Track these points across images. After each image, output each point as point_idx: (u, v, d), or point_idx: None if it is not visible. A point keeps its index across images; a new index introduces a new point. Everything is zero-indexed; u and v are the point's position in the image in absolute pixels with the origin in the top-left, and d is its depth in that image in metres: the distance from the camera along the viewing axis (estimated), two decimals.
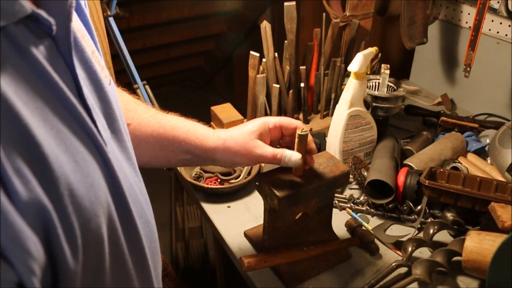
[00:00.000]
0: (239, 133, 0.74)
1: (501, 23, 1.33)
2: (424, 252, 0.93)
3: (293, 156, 0.74)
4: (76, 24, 0.44)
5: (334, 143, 1.12)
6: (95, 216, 0.40)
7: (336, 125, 1.11)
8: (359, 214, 1.03)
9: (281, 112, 1.30)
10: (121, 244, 0.45)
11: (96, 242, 0.40)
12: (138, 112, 0.74)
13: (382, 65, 1.21)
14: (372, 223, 1.01)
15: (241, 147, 0.73)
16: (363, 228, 0.96)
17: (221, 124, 1.20)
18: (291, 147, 0.77)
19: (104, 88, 0.46)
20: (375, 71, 1.36)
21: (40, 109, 0.35)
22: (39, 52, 0.36)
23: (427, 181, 0.95)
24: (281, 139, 0.80)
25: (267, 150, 0.74)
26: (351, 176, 1.09)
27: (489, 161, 1.14)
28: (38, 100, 0.35)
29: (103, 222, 0.41)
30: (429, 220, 0.98)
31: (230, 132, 0.75)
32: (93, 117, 0.42)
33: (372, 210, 1.03)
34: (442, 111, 1.40)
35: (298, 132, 0.74)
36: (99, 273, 0.42)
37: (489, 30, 1.36)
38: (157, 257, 0.56)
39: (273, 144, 0.79)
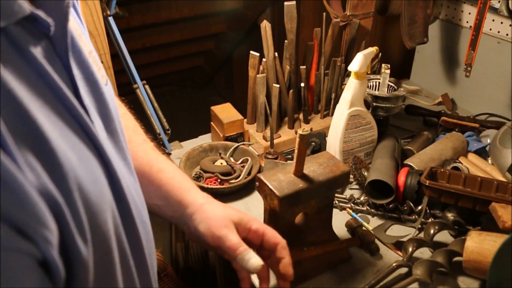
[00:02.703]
0: (222, 207, 0.67)
1: (502, 23, 1.33)
2: (424, 253, 0.92)
3: (254, 259, 0.60)
4: (73, 23, 0.44)
5: (334, 143, 1.12)
6: (101, 211, 0.40)
7: (337, 125, 1.11)
8: (359, 214, 1.03)
9: (281, 112, 1.30)
10: (123, 241, 0.46)
11: (104, 238, 0.41)
12: (130, 142, 0.69)
13: (383, 65, 1.21)
14: (372, 223, 1.01)
15: (215, 217, 0.64)
16: (364, 228, 0.96)
17: (221, 124, 1.20)
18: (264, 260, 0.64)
19: (101, 89, 0.46)
20: (376, 70, 1.36)
21: (43, 107, 0.35)
22: (38, 52, 0.36)
23: (427, 181, 0.95)
24: (258, 249, 0.68)
25: (234, 237, 0.62)
26: (351, 176, 1.09)
27: (490, 161, 1.14)
28: (39, 98, 0.35)
29: (108, 218, 0.41)
30: (430, 220, 0.98)
31: (213, 201, 0.68)
32: (91, 118, 0.42)
33: (372, 210, 1.03)
34: (442, 111, 1.40)
35: (299, 132, 0.73)
36: (111, 269, 0.43)
37: (490, 29, 1.36)
38: (153, 258, 0.56)
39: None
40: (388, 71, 1.21)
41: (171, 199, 0.67)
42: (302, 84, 1.25)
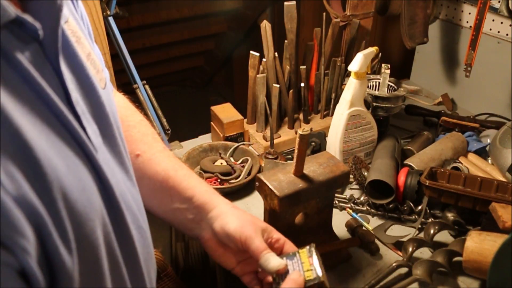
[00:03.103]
0: (248, 213, 0.69)
1: (502, 23, 1.33)
2: (424, 253, 0.92)
3: (276, 259, 0.60)
4: (71, 25, 0.43)
5: (334, 143, 1.12)
6: (89, 220, 0.39)
7: (337, 125, 1.11)
8: (359, 214, 1.03)
9: (281, 112, 1.30)
10: (115, 249, 0.45)
11: (92, 247, 0.40)
12: (152, 147, 0.71)
13: (383, 65, 1.21)
14: (372, 223, 1.01)
15: (245, 219, 0.65)
16: (364, 228, 0.96)
17: (221, 124, 1.20)
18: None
19: (97, 93, 0.45)
20: (376, 70, 1.36)
21: (28, 114, 0.34)
22: (25, 58, 0.35)
23: (427, 181, 0.95)
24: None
25: (262, 240, 0.63)
26: (351, 176, 1.09)
27: (490, 161, 1.14)
28: (25, 105, 0.34)
29: (97, 226, 0.40)
30: (430, 220, 0.98)
31: (239, 208, 0.70)
32: (82, 123, 0.41)
33: (372, 210, 1.03)
34: (442, 111, 1.40)
35: (299, 132, 0.73)
36: (99, 278, 0.42)
37: (490, 29, 1.36)
38: (151, 263, 0.55)
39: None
40: (388, 71, 1.21)
41: (197, 201, 0.68)
42: (302, 84, 1.25)
